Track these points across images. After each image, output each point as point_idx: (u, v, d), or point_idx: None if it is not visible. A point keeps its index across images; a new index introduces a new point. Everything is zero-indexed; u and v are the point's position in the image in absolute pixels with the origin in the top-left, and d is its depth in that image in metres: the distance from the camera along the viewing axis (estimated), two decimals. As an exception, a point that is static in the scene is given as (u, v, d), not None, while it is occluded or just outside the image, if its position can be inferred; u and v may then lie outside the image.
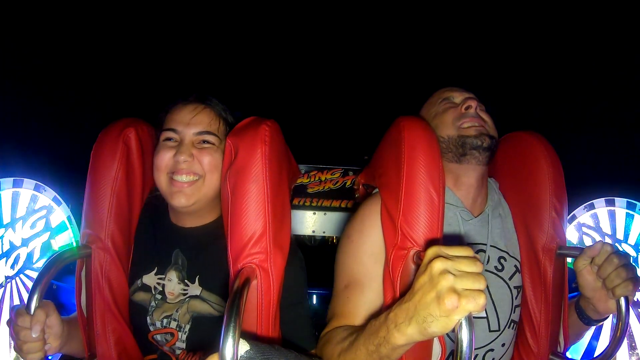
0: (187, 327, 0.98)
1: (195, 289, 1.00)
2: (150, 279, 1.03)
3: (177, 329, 0.99)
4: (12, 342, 0.90)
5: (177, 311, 0.99)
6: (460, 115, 1.06)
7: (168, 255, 1.04)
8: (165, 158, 0.98)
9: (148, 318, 1.00)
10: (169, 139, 1.01)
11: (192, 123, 1.00)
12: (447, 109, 1.09)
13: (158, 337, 1.00)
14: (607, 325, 1.63)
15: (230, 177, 0.91)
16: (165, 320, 0.99)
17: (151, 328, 1.01)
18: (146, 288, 1.03)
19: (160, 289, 1.02)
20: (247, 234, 0.86)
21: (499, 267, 1.03)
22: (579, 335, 1.12)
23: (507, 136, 1.19)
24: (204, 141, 1.01)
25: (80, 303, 0.98)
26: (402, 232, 0.87)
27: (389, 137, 1.03)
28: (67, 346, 0.95)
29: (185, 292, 1.00)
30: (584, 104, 2.07)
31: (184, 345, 0.99)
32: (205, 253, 1.02)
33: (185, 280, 1.01)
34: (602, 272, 0.93)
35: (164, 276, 1.02)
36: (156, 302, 1.01)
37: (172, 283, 1.01)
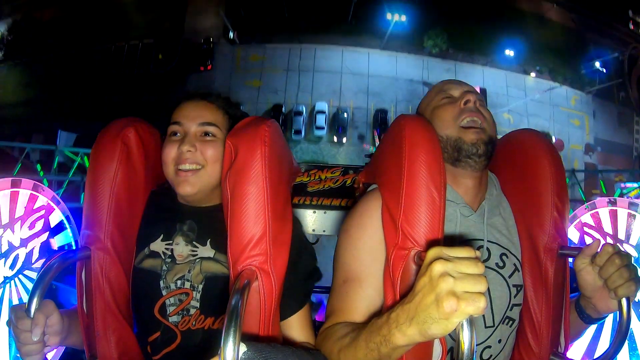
0: (201, 286, 1.02)
1: (207, 251, 1.05)
2: (157, 245, 1.06)
3: (191, 288, 1.02)
4: (11, 342, 0.91)
5: (189, 272, 1.03)
6: (459, 111, 1.05)
7: (174, 226, 1.08)
8: (171, 151, 1.05)
9: (161, 282, 1.02)
10: (174, 133, 1.07)
11: (195, 116, 1.07)
12: (445, 105, 1.07)
13: (170, 300, 1.01)
14: (608, 325, 1.63)
15: (230, 178, 0.91)
16: (179, 282, 1.02)
17: (164, 292, 1.02)
18: (155, 254, 1.05)
19: (170, 253, 1.05)
20: (247, 236, 0.86)
21: (500, 264, 1.03)
22: (579, 333, 1.11)
23: (508, 135, 1.19)
24: (207, 133, 1.07)
25: (82, 305, 0.98)
26: (402, 232, 0.86)
27: (389, 136, 1.03)
28: (68, 340, 0.96)
29: (195, 253, 1.05)
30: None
31: (198, 305, 1.01)
32: (216, 221, 1.03)
33: (194, 242, 1.05)
34: (604, 272, 0.92)
35: (171, 241, 1.06)
36: (167, 265, 1.04)
37: (180, 246, 1.05)
